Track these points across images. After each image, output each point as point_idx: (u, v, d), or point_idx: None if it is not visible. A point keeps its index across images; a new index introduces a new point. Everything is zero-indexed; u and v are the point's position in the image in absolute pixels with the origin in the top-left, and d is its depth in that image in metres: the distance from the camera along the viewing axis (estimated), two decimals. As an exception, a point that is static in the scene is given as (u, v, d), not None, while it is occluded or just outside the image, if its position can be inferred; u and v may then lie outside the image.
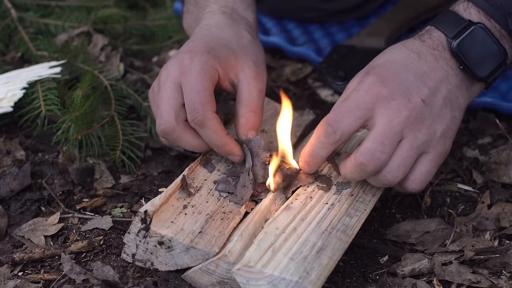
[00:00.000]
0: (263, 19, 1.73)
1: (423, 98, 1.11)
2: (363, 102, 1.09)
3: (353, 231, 1.11)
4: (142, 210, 1.08)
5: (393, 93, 1.10)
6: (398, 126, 1.09)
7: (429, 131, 1.11)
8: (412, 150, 1.10)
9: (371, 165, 1.08)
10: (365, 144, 1.09)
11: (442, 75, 1.14)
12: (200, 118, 1.16)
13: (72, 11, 1.74)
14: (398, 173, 1.10)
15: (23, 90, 1.44)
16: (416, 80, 1.12)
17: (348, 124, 1.10)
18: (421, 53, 1.14)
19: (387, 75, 1.11)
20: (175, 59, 1.20)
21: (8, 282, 1.11)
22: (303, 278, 1.01)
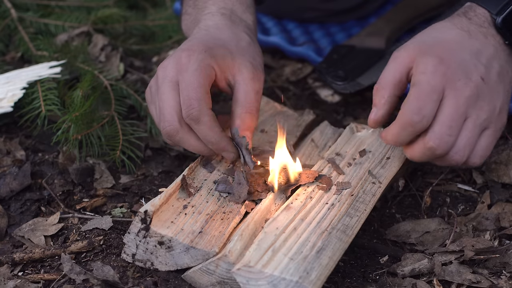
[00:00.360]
0: (263, 19, 1.73)
1: (482, 76, 1.13)
2: (435, 85, 1.11)
3: (353, 231, 1.11)
4: (142, 210, 1.08)
5: (456, 73, 1.12)
6: (463, 107, 1.11)
7: (490, 108, 1.14)
8: (476, 129, 1.13)
9: (441, 148, 1.11)
10: (434, 127, 1.11)
11: (493, 51, 1.16)
12: (196, 113, 1.15)
13: (72, 11, 1.74)
14: (465, 153, 1.13)
15: (23, 90, 1.44)
16: (472, 59, 1.14)
17: (430, 109, 1.11)
18: (471, 31, 1.16)
19: (446, 55, 1.13)
20: (172, 58, 1.20)
21: (8, 282, 1.11)
22: (303, 278, 1.01)
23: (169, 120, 1.17)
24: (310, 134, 1.34)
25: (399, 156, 1.26)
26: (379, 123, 1.19)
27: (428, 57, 1.13)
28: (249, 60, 1.23)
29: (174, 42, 1.70)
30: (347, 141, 1.29)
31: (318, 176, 1.19)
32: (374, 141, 1.28)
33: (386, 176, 1.22)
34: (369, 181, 1.20)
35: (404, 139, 1.15)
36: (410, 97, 1.12)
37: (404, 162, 1.26)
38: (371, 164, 1.23)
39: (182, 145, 1.20)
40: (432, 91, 1.11)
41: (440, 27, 1.19)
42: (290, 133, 1.32)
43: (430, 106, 1.11)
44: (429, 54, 1.13)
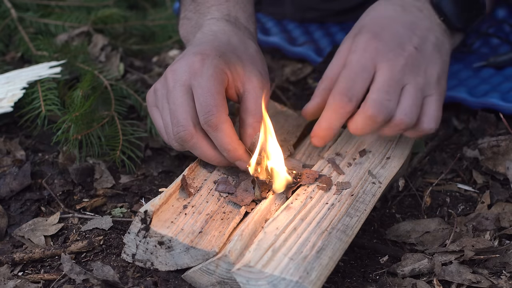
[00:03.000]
0: (263, 19, 1.73)
1: (415, 46, 1.18)
2: (365, 62, 1.15)
3: (353, 231, 1.11)
4: (142, 210, 1.08)
5: (388, 45, 1.16)
6: (398, 74, 1.15)
7: (427, 74, 1.18)
8: (417, 92, 1.16)
9: (381, 114, 1.14)
10: (371, 96, 1.13)
11: (428, 24, 1.21)
12: (215, 120, 1.14)
13: (72, 11, 1.74)
14: (412, 114, 1.16)
15: (23, 90, 1.44)
16: (406, 30, 1.18)
17: (360, 88, 1.15)
18: (405, 5, 1.22)
19: (378, 30, 1.18)
20: (183, 62, 1.18)
21: (8, 282, 1.11)
22: (303, 278, 1.01)
23: (184, 125, 1.15)
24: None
25: (399, 156, 1.26)
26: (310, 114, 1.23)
27: (361, 35, 1.18)
28: (258, 68, 1.22)
29: (174, 42, 1.70)
30: (347, 141, 1.29)
31: (318, 176, 1.19)
32: (374, 141, 1.28)
33: (386, 176, 1.22)
34: (369, 181, 1.20)
35: (337, 123, 1.17)
36: (339, 79, 1.16)
37: (404, 162, 1.26)
38: (371, 164, 1.23)
39: (194, 151, 1.18)
40: (362, 69, 1.15)
41: (375, 6, 1.24)
42: (290, 133, 1.32)
43: (359, 85, 1.15)
44: (363, 33, 1.18)
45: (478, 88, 1.49)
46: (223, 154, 1.18)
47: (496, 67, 1.55)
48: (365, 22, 1.22)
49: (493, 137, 1.40)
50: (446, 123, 1.48)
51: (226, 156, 1.18)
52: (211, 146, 1.18)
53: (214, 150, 1.18)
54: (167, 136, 1.19)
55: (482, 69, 1.55)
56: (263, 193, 1.17)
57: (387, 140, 1.28)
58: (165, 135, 1.20)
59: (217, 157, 1.19)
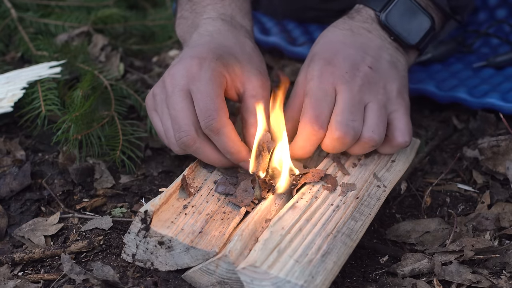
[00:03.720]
0: (263, 19, 1.73)
1: (369, 65, 1.19)
2: (325, 89, 1.16)
3: (358, 236, 1.11)
4: (142, 210, 1.08)
5: (342, 68, 1.17)
6: (358, 94, 1.16)
7: (386, 91, 1.19)
8: (380, 109, 1.18)
9: (348, 135, 1.15)
10: (336, 118, 1.15)
11: (379, 43, 1.22)
12: (216, 125, 1.14)
13: (72, 11, 1.74)
14: (379, 130, 1.17)
15: (23, 90, 1.44)
16: (358, 52, 1.20)
17: (327, 113, 1.16)
18: (353, 28, 1.23)
19: (330, 55, 1.19)
20: (181, 66, 1.18)
21: (8, 282, 1.11)
22: (308, 282, 1.00)
23: (186, 130, 1.15)
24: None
25: (404, 160, 1.25)
26: None
27: (314, 63, 1.19)
28: (256, 67, 1.23)
29: (174, 42, 1.70)
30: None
31: (324, 175, 1.19)
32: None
33: (391, 180, 1.21)
34: (374, 184, 1.20)
35: (310, 149, 1.19)
36: (305, 108, 1.17)
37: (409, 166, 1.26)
38: (376, 166, 1.23)
39: (197, 155, 1.19)
40: (324, 95, 1.16)
41: (325, 33, 1.26)
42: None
43: (326, 110, 1.16)
44: (315, 60, 1.19)
45: (478, 88, 1.49)
46: (227, 156, 1.18)
47: (496, 67, 1.55)
48: (316, 50, 1.22)
49: (493, 137, 1.40)
50: (446, 123, 1.48)
51: (230, 158, 1.18)
52: (214, 149, 1.18)
53: (217, 152, 1.18)
54: (168, 140, 1.20)
55: (482, 69, 1.55)
56: (263, 192, 1.17)
57: None
58: (165, 139, 1.21)
59: (221, 160, 1.19)
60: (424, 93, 1.50)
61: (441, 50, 1.56)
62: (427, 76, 1.53)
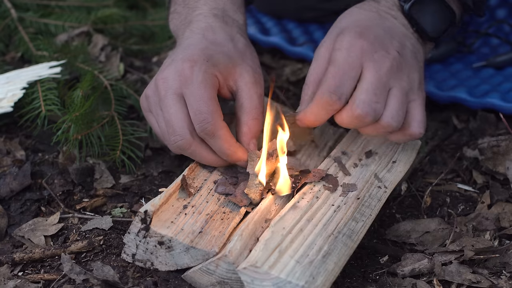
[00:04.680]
0: (263, 19, 1.73)
1: (397, 50, 1.17)
2: (352, 61, 1.14)
3: (358, 237, 1.11)
4: (142, 210, 1.08)
5: (374, 45, 1.15)
6: (385, 76, 1.14)
7: (409, 79, 1.17)
8: (403, 96, 1.16)
9: (369, 115, 1.13)
10: (359, 96, 1.13)
11: (403, 30, 1.20)
12: (211, 128, 1.14)
13: (72, 11, 1.74)
14: (399, 118, 1.15)
15: (23, 90, 1.44)
16: (386, 34, 1.17)
17: (348, 86, 1.14)
18: (380, 11, 1.21)
19: (362, 30, 1.16)
20: (172, 69, 1.18)
21: (8, 282, 1.11)
22: (309, 283, 1.00)
23: (180, 134, 1.15)
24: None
25: (405, 161, 1.25)
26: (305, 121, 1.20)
27: (344, 35, 1.16)
28: (249, 64, 1.22)
29: (174, 42, 1.69)
30: (353, 140, 1.29)
31: (325, 175, 1.19)
32: (380, 142, 1.28)
33: (392, 180, 1.21)
34: (375, 185, 1.19)
35: (324, 118, 1.17)
36: (327, 76, 1.14)
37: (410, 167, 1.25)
38: (377, 167, 1.23)
39: (193, 157, 1.19)
40: (350, 68, 1.14)
41: (350, 11, 1.23)
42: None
43: (348, 83, 1.13)
44: (346, 33, 1.16)
45: (478, 88, 1.49)
46: (222, 157, 1.19)
47: (496, 67, 1.55)
48: (345, 24, 1.19)
49: (493, 137, 1.40)
50: (446, 123, 1.48)
51: (226, 159, 1.19)
52: (210, 150, 1.19)
53: (213, 154, 1.19)
54: (165, 142, 1.20)
55: (482, 69, 1.55)
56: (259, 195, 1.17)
57: (393, 142, 1.28)
58: (163, 140, 1.21)
59: (217, 160, 1.20)
60: (424, 93, 1.50)
61: (441, 50, 1.56)
62: (427, 76, 1.53)
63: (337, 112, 1.15)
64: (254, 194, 1.15)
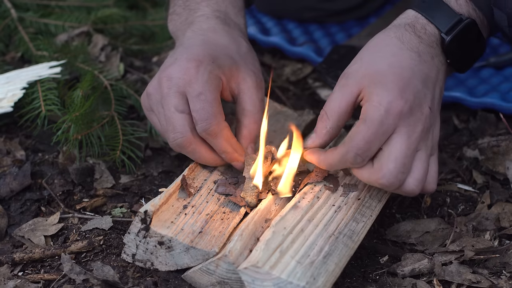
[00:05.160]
0: (263, 19, 1.73)
1: (430, 106, 1.10)
2: (388, 125, 1.07)
3: (359, 238, 1.11)
4: (142, 210, 1.08)
5: (412, 108, 1.08)
6: (415, 142, 1.08)
7: (433, 136, 1.12)
8: (427, 159, 1.11)
9: (393, 185, 1.08)
10: (388, 165, 1.07)
11: (435, 74, 1.13)
12: (214, 128, 1.15)
13: (72, 11, 1.74)
14: (422, 183, 1.10)
15: (23, 90, 1.44)
16: (423, 87, 1.10)
17: (376, 149, 1.08)
18: (421, 52, 1.12)
19: (402, 86, 1.08)
20: (176, 67, 1.17)
21: (8, 282, 1.11)
22: (310, 284, 1.00)
23: (181, 132, 1.15)
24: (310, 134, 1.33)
25: None
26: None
27: (384, 89, 1.08)
28: (251, 68, 1.22)
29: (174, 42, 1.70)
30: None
31: (327, 175, 1.19)
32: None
33: None
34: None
35: (339, 168, 1.14)
36: (359, 133, 1.07)
37: None
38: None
39: (192, 155, 1.19)
40: (383, 132, 1.07)
41: (388, 45, 1.13)
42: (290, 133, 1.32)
43: (376, 146, 1.08)
44: (384, 86, 1.08)
45: (478, 88, 1.50)
46: (221, 156, 1.19)
47: (496, 67, 1.55)
48: (381, 70, 1.10)
49: (493, 137, 1.40)
50: (446, 123, 1.48)
51: (224, 158, 1.19)
52: (209, 149, 1.19)
53: (212, 152, 1.19)
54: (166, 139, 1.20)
55: (482, 69, 1.55)
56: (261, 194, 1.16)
57: None
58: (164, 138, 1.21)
59: (215, 159, 1.20)
60: (424, 93, 1.49)
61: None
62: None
63: (358, 170, 1.11)
64: (250, 197, 1.15)
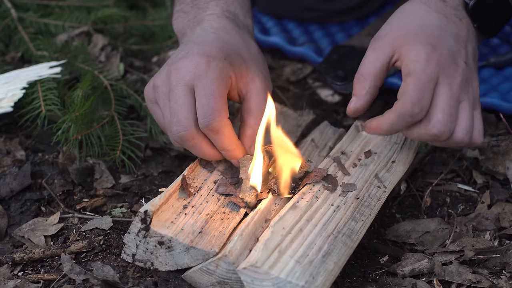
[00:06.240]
0: (263, 19, 1.73)
1: (465, 60, 1.15)
2: (431, 74, 1.11)
3: (358, 237, 1.11)
4: (142, 210, 1.08)
5: (446, 59, 1.13)
6: (457, 91, 1.13)
7: (473, 89, 1.16)
8: (471, 110, 1.15)
9: (444, 135, 1.12)
10: (436, 115, 1.11)
11: (466, 34, 1.18)
12: (217, 125, 1.14)
13: (72, 11, 1.74)
14: (470, 132, 1.14)
15: (23, 90, 1.44)
16: (456, 43, 1.15)
17: (428, 99, 1.12)
18: (448, 14, 1.17)
19: (434, 41, 1.13)
20: (188, 61, 1.17)
21: (8, 282, 1.11)
22: (309, 283, 1.00)
23: (184, 125, 1.15)
24: (310, 134, 1.34)
25: (404, 161, 1.25)
26: (358, 113, 1.18)
27: (419, 44, 1.13)
28: (261, 69, 1.23)
29: (174, 42, 1.70)
30: (353, 140, 1.29)
31: (326, 175, 1.19)
32: (379, 142, 1.28)
33: (391, 180, 1.21)
34: (374, 185, 1.19)
35: (399, 128, 1.15)
36: (408, 87, 1.11)
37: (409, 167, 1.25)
38: (377, 167, 1.23)
39: (193, 150, 1.18)
40: (429, 80, 1.11)
41: (415, 9, 1.18)
42: (290, 133, 1.32)
43: (428, 95, 1.11)
44: (418, 42, 1.13)
45: (478, 88, 1.49)
46: (221, 153, 1.19)
47: (496, 67, 1.55)
48: (415, 28, 1.15)
49: (493, 137, 1.40)
50: (446, 123, 1.48)
51: (224, 155, 1.19)
52: (210, 145, 1.18)
53: (213, 148, 1.19)
54: (168, 133, 1.19)
55: (482, 69, 1.55)
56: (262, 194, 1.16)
57: (392, 142, 1.28)
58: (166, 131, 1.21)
59: (215, 155, 1.19)
60: (424, 93, 1.49)
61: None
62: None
63: (407, 130, 1.14)
64: (249, 198, 1.15)
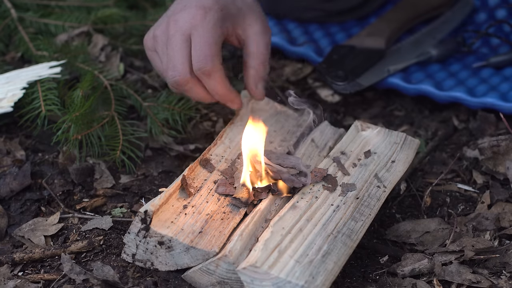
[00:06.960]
0: (263, 19, 1.73)
1: None
2: None
3: (358, 236, 1.11)
4: (142, 210, 1.08)
5: None
6: None
7: None
8: None
9: None
10: None
11: None
12: (208, 69, 1.21)
13: (72, 11, 1.74)
14: None
15: (23, 90, 1.44)
16: None
17: None
18: None
19: None
20: (185, 13, 1.24)
21: (8, 282, 1.11)
22: (309, 283, 1.01)
23: (179, 70, 1.22)
24: (310, 134, 1.34)
25: (403, 160, 1.25)
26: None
27: None
28: (258, 15, 1.29)
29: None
30: (352, 140, 1.29)
31: (326, 175, 1.19)
32: (379, 142, 1.28)
33: (391, 180, 1.21)
34: (374, 185, 1.20)
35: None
36: None
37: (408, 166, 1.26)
38: (377, 167, 1.23)
39: (188, 93, 1.26)
40: None
41: None
42: (290, 133, 1.32)
43: None
44: None
45: (478, 88, 1.49)
46: (215, 97, 1.27)
47: (495, 67, 1.55)
48: None
49: (493, 137, 1.40)
50: (446, 123, 1.48)
51: (218, 99, 1.27)
52: (204, 89, 1.26)
53: (207, 92, 1.26)
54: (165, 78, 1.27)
55: (481, 69, 1.55)
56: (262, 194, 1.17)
57: (392, 142, 1.28)
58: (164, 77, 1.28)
59: (209, 97, 1.27)
60: (423, 93, 1.50)
61: (441, 50, 1.56)
62: (427, 76, 1.53)
63: None
64: (241, 194, 1.16)
